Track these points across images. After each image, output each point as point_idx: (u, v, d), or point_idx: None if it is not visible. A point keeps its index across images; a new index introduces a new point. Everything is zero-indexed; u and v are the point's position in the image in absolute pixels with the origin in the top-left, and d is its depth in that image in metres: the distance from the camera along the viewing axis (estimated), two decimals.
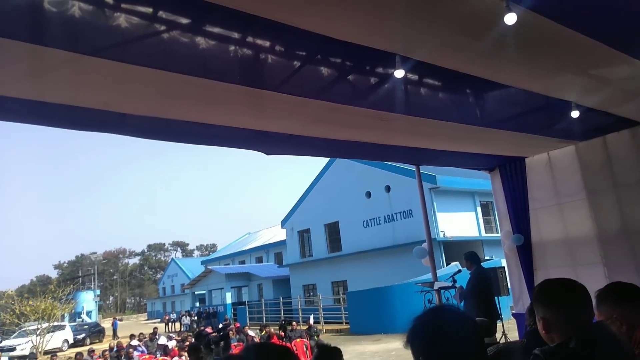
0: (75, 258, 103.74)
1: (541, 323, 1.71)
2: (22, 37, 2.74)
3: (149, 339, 16.18)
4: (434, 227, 20.59)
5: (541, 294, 1.77)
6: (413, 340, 1.35)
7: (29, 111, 3.65)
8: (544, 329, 1.70)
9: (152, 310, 68.53)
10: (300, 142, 5.16)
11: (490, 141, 6.06)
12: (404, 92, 4.15)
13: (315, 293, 27.70)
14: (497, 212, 7.87)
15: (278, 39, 3.40)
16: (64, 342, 28.75)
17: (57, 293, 29.87)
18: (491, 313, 6.76)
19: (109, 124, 4.08)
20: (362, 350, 14.68)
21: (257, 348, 1.28)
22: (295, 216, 30.91)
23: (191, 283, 41.89)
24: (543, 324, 1.70)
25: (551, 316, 1.67)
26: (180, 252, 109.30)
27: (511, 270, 7.46)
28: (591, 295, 1.99)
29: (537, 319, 1.74)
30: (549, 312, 1.68)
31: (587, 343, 1.56)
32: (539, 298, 1.76)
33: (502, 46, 3.50)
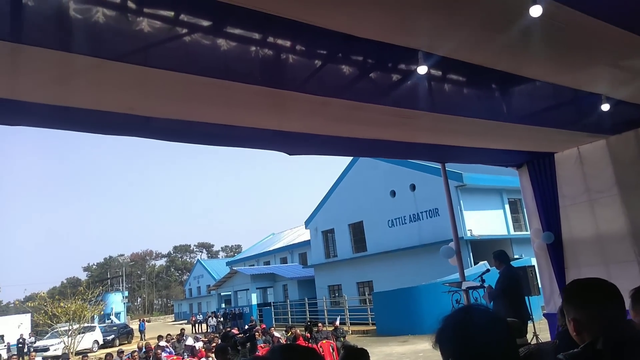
0: (104, 260, 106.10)
1: (572, 324, 1.68)
2: (49, 45, 2.79)
3: (176, 340, 16.39)
4: (461, 226, 20.29)
5: (571, 294, 1.74)
6: (442, 341, 1.31)
7: (56, 116, 3.73)
8: (575, 330, 1.66)
9: (179, 312, 69.52)
10: (322, 141, 5.14)
11: (518, 137, 5.93)
12: (428, 89, 4.09)
13: (340, 294, 27.64)
14: (526, 210, 7.69)
15: (298, 38, 3.38)
16: (94, 343, 29.43)
17: (86, 295, 30.59)
18: (521, 313, 6.62)
19: (134, 127, 4.14)
20: (390, 351, 14.57)
21: (284, 349, 1.26)
22: (319, 216, 30.89)
23: (217, 284, 42.33)
24: (574, 325, 1.66)
25: (581, 317, 1.64)
26: (205, 254, 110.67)
27: (542, 269, 7.28)
28: (625, 294, 1.92)
29: (567, 320, 1.71)
30: (579, 313, 1.65)
31: (615, 344, 1.52)
32: (569, 299, 1.73)
33: (527, 39, 3.41)
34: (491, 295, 6.89)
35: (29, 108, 3.49)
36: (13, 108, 3.47)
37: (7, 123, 3.81)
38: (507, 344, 1.29)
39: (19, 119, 3.74)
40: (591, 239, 6.57)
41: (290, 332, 14.21)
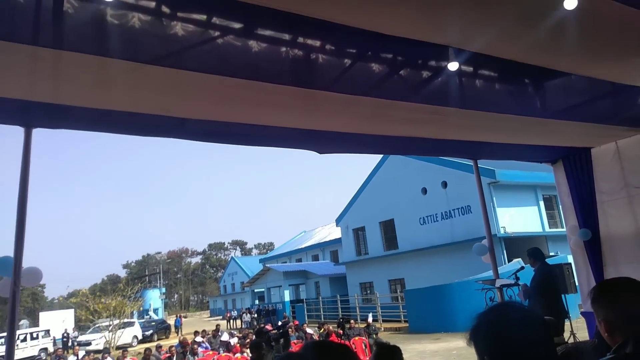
0: (142, 258, 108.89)
1: (602, 325, 1.63)
2: (88, 50, 2.92)
3: (212, 336, 16.72)
4: (494, 223, 19.94)
5: (600, 295, 1.69)
6: (477, 339, 1.31)
7: (95, 119, 3.87)
8: (606, 331, 1.62)
9: (214, 308, 70.69)
10: (353, 139, 5.15)
11: (553, 132, 5.79)
12: (459, 86, 4.05)
13: (372, 291, 27.58)
14: (561, 206, 7.50)
15: (328, 38, 3.41)
16: (133, 338, 30.30)
17: (126, 291, 31.51)
18: (558, 311, 6.48)
19: (170, 129, 4.26)
20: (422, 349, 14.47)
21: (317, 346, 1.29)
22: (350, 214, 30.88)
23: (250, 281, 42.86)
24: (605, 327, 1.62)
25: (612, 318, 1.60)
26: (239, 251, 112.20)
27: (579, 267, 7.09)
28: None
29: (598, 322, 1.66)
30: (610, 313, 1.61)
31: None
32: (598, 300, 1.68)
33: (562, 32, 3.34)
34: (526, 293, 6.77)
35: (71, 112, 3.64)
36: (56, 112, 3.63)
37: (49, 126, 3.98)
38: (544, 343, 1.27)
39: (61, 122, 3.90)
40: (630, 236, 6.36)
41: (323, 329, 14.30)
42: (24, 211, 3.68)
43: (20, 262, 3.61)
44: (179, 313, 51.62)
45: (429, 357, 12.98)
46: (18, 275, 3.58)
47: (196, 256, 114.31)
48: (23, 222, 3.67)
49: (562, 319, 6.56)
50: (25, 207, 3.69)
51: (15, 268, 3.57)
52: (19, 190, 3.69)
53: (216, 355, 12.50)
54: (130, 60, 3.08)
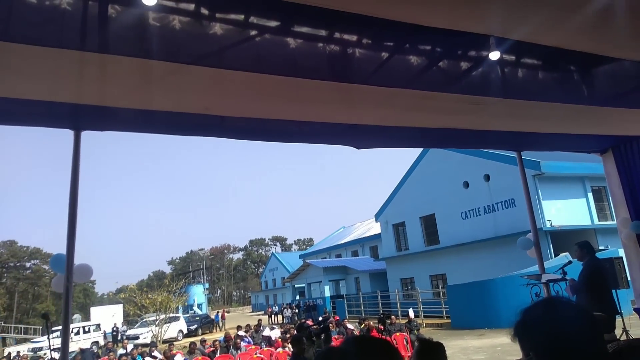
0: (186, 254, 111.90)
1: None
2: (131, 53, 3.01)
3: (254, 330, 17.00)
4: (540, 217, 19.34)
5: None
6: (523, 334, 1.27)
7: (139, 120, 3.99)
8: None
9: (256, 303, 71.82)
10: (391, 133, 5.10)
11: (601, 120, 5.54)
12: (501, 75, 3.94)
13: (413, 287, 27.33)
14: (611, 198, 7.19)
15: (365, 32, 3.39)
16: (179, 332, 31.18)
17: (171, 287, 32.43)
18: (608, 307, 6.22)
19: (210, 127, 4.34)
20: (465, 345, 14.23)
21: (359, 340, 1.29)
22: (389, 209, 30.66)
23: (291, 276, 43.28)
24: None
25: None
26: (279, 247, 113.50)
27: (630, 261, 6.79)
28: None
29: None
30: None
31: None
32: None
33: (609, 15, 3.19)
34: (574, 288, 6.54)
35: (117, 114, 3.78)
36: (102, 114, 3.77)
37: (97, 129, 4.13)
38: (593, 339, 1.22)
39: (108, 124, 4.04)
40: None
41: (364, 324, 14.28)
42: (74, 210, 3.85)
43: (72, 259, 3.78)
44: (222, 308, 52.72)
45: (472, 354, 12.75)
46: (70, 271, 3.76)
47: (238, 252, 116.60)
48: (74, 221, 3.84)
49: (612, 315, 6.30)
50: (76, 207, 3.86)
51: (68, 265, 3.75)
52: (70, 191, 3.86)
53: (258, 350, 12.70)
54: (171, 62, 3.17)
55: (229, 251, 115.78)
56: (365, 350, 1.19)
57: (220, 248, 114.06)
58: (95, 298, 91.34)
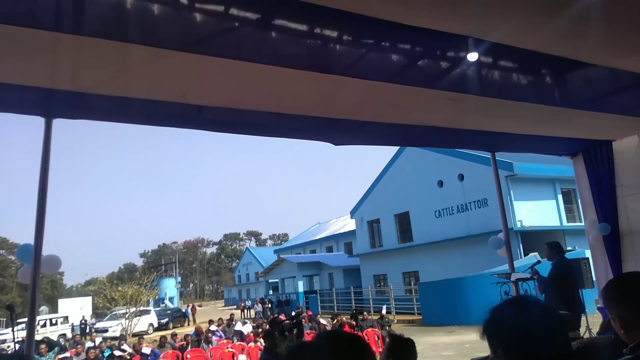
0: (158, 247, 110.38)
1: (618, 323, 1.59)
2: (108, 35, 2.91)
3: (226, 325, 16.90)
4: (511, 217, 19.75)
5: (614, 291, 1.65)
6: (491, 332, 1.30)
7: (114, 108, 3.90)
8: (622, 328, 1.58)
9: (229, 297, 71.45)
10: (370, 130, 5.12)
11: (573, 124, 5.68)
12: (478, 75, 3.98)
13: (386, 283, 27.59)
14: (580, 200, 7.38)
15: (345, 27, 3.38)
16: (149, 326, 30.77)
17: (142, 280, 31.98)
18: (574, 306, 6.40)
19: (187, 118, 4.28)
20: (435, 341, 14.46)
21: (331, 335, 1.29)
22: (365, 206, 30.86)
23: (265, 271, 43.18)
24: (620, 324, 1.58)
25: (628, 314, 1.56)
26: (254, 242, 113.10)
27: (597, 262, 6.99)
28: None
29: (612, 319, 1.62)
30: (625, 310, 1.57)
31: None
32: (612, 296, 1.64)
33: (585, 22, 3.26)
34: (542, 285, 6.70)
35: (90, 101, 3.68)
36: (75, 101, 3.66)
37: (69, 116, 4.03)
38: (559, 337, 1.26)
39: (81, 112, 3.94)
40: None
41: (336, 320, 14.37)
42: (44, 200, 3.75)
43: (40, 250, 3.68)
44: (194, 302, 52.25)
45: (442, 350, 12.96)
46: (38, 262, 3.66)
47: (212, 246, 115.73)
48: (43, 211, 3.74)
49: (578, 313, 6.48)
50: (45, 197, 3.76)
51: (36, 256, 3.65)
52: (39, 180, 3.75)
53: (230, 344, 12.64)
54: (149, 45, 3.07)
55: (202, 245, 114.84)
56: (337, 345, 1.19)
57: (193, 241, 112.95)
58: (64, 290, 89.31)
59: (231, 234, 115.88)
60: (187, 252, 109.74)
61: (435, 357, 11.93)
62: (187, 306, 40.54)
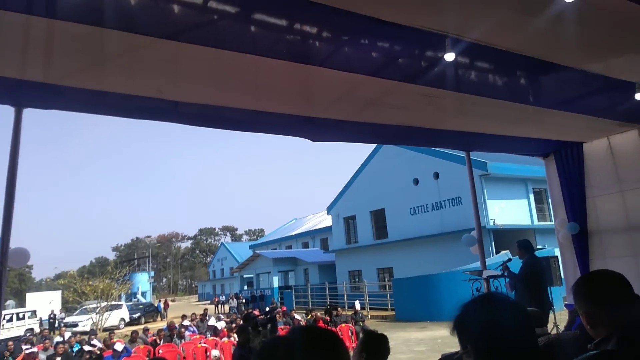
0: (131, 241, 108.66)
1: (585, 318, 1.65)
2: (82, 20, 2.81)
3: (199, 320, 16.75)
4: (484, 215, 20.09)
5: (582, 288, 1.71)
6: (461, 328, 1.32)
7: (89, 101, 3.81)
8: (589, 324, 1.64)
9: (203, 292, 70.86)
10: (348, 128, 5.13)
11: (546, 125, 5.81)
12: (455, 72, 4.02)
13: (360, 279, 27.78)
14: (551, 200, 7.57)
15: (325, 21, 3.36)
16: (120, 321, 30.28)
17: (114, 274, 31.45)
18: (543, 303, 6.56)
19: (164, 112, 4.21)
20: (408, 337, 14.63)
21: (304, 330, 1.29)
22: (341, 203, 30.97)
23: (240, 267, 42.93)
24: (587, 319, 1.64)
25: (594, 311, 1.62)
26: (229, 237, 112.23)
27: (565, 260, 7.18)
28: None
29: (580, 314, 1.68)
30: (592, 306, 1.63)
31: (628, 341, 1.50)
32: (580, 293, 1.69)
33: (560, 24, 3.34)
34: (513, 283, 6.85)
35: (63, 92, 3.58)
36: (47, 92, 3.56)
37: (41, 106, 3.91)
38: (526, 333, 1.29)
39: (53, 102, 3.84)
40: (620, 230, 6.44)
41: (311, 315, 14.41)
42: (12, 192, 3.64)
43: (7, 242, 3.57)
44: (167, 297, 51.64)
45: (414, 346, 13.12)
46: (5, 255, 3.55)
47: (186, 241, 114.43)
48: (11, 203, 3.63)
49: (546, 310, 6.65)
50: (14, 188, 3.65)
51: (3, 248, 3.54)
52: (8, 171, 3.64)
53: (203, 339, 12.55)
54: (124, 31, 2.99)
55: (177, 239, 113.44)
56: (310, 340, 1.19)
57: (168, 236, 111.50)
58: (32, 283, 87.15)
59: (206, 228, 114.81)
60: (161, 246, 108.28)
61: (407, 353, 12.06)
62: (160, 301, 40.05)
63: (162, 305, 37.67)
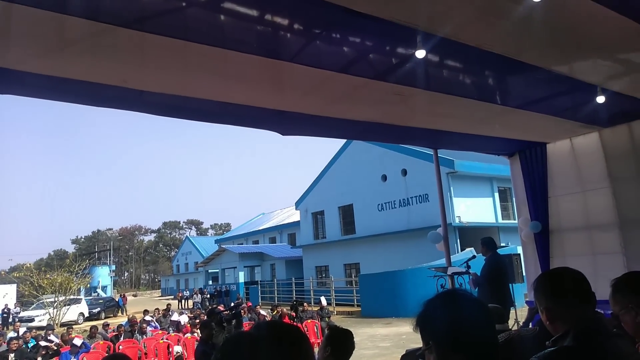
0: (92, 234, 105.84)
1: (544, 314, 1.70)
2: (44, 6, 2.68)
3: (162, 315, 16.46)
4: (450, 212, 20.44)
5: (542, 284, 1.76)
6: (424, 324, 1.33)
7: (50, 87, 3.65)
8: (548, 319, 1.69)
9: (166, 287, 69.77)
10: (318, 122, 5.10)
11: (512, 124, 5.92)
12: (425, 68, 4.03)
13: (327, 275, 27.87)
14: (515, 199, 7.75)
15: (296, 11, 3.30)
16: (79, 315, 29.46)
17: (73, 267, 30.57)
18: (505, 300, 6.70)
19: (128, 101, 4.08)
20: (373, 333, 14.76)
21: (269, 326, 1.25)
22: (310, 198, 30.98)
23: (205, 261, 42.45)
24: (546, 315, 1.69)
25: (553, 307, 1.67)
26: (194, 231, 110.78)
27: (527, 258, 7.37)
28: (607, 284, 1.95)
29: (540, 310, 1.73)
30: (551, 302, 1.68)
31: (585, 337, 1.55)
32: (541, 289, 1.75)
33: (528, 24, 3.38)
34: (476, 282, 6.97)
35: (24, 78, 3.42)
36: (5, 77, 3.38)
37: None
38: (487, 329, 1.31)
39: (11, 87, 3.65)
40: (579, 230, 6.65)
41: (276, 311, 14.33)
42: None
43: None
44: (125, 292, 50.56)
45: (379, 341, 13.25)
46: None
47: (150, 234, 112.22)
48: None
49: (508, 307, 6.80)
50: None
51: None
52: None
53: (165, 335, 12.33)
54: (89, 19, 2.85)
55: (140, 232, 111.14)
56: (275, 336, 1.15)
57: (130, 229, 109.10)
58: None
59: (171, 222, 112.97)
60: (123, 239, 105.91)
61: (372, 349, 12.17)
62: (121, 295, 39.20)
63: (123, 300, 36.89)
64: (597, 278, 2.28)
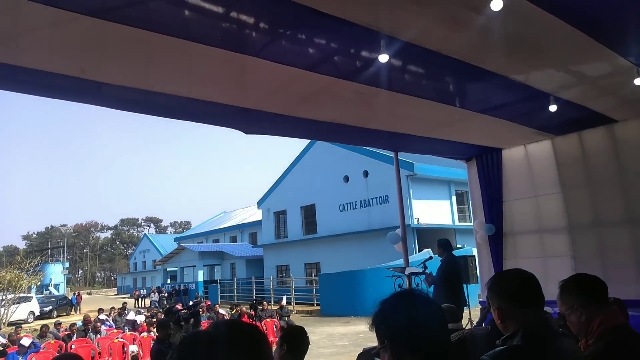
0: (45, 230, 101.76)
1: (496, 313, 1.76)
2: None
3: (117, 314, 16.05)
4: (409, 214, 20.81)
5: (495, 284, 1.81)
6: (379, 324, 1.35)
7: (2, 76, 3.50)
8: (499, 318, 1.74)
9: (122, 285, 67.95)
10: (282, 121, 5.09)
11: (469, 129, 6.10)
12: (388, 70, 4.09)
13: (288, 274, 27.84)
14: (471, 202, 7.97)
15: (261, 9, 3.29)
16: (29, 314, 28.27)
17: (24, 264, 29.38)
18: (459, 300, 6.87)
19: (85, 93, 3.96)
20: (332, 331, 14.86)
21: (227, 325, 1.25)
22: (272, 197, 30.86)
23: (163, 259, 41.56)
24: (498, 314, 1.75)
25: (505, 306, 1.72)
26: (153, 228, 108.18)
27: (481, 259, 7.60)
28: (556, 285, 2.05)
29: (492, 310, 1.78)
30: (503, 302, 1.73)
31: (532, 336, 1.60)
32: (493, 288, 1.80)
33: (487, 32, 3.49)
34: (431, 281, 7.13)
35: None
36: None
37: None
38: (440, 328, 1.34)
39: None
40: (531, 233, 6.92)
41: (235, 310, 14.22)
42: None
43: None
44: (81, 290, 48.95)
45: (337, 340, 13.35)
46: None
47: (106, 231, 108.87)
48: None
49: (461, 306, 6.98)
50: None
51: None
52: None
53: (120, 334, 12.03)
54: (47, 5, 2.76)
55: (95, 229, 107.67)
56: (232, 334, 1.16)
57: (86, 225, 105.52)
58: None
59: (128, 219, 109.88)
60: (78, 236, 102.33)
61: (330, 347, 12.25)
62: (74, 294, 37.88)
63: (77, 298, 35.66)
64: (547, 279, 2.38)
